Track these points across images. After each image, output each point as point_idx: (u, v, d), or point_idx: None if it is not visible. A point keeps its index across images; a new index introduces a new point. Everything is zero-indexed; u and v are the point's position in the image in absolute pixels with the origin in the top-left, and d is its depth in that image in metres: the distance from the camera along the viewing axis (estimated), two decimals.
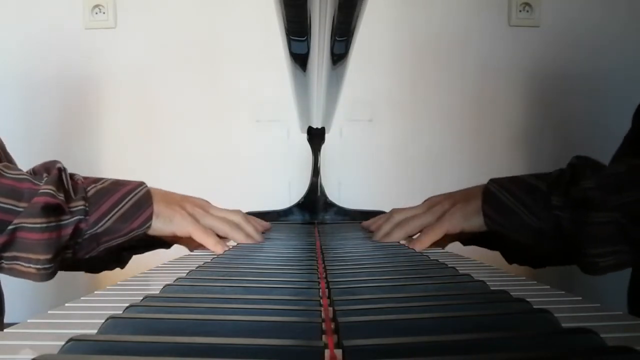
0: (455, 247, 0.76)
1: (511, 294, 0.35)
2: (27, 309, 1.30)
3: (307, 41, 0.57)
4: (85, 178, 0.63)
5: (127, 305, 0.33)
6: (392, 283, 0.40)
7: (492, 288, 0.38)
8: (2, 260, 0.57)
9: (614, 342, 0.25)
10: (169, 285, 0.40)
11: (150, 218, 0.63)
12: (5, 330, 0.32)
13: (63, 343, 0.25)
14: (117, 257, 0.74)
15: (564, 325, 0.28)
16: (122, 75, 1.49)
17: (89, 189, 0.61)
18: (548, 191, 0.61)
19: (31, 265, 0.57)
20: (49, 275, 0.58)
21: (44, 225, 0.56)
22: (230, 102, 1.49)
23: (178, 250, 0.76)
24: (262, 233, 0.78)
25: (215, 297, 0.36)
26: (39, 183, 0.58)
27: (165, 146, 1.48)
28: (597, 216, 0.57)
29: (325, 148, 1.15)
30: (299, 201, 1.13)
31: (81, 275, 0.66)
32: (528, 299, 0.32)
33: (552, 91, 1.50)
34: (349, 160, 1.48)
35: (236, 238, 0.71)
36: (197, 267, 0.50)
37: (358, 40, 0.61)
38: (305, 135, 1.15)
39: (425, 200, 0.76)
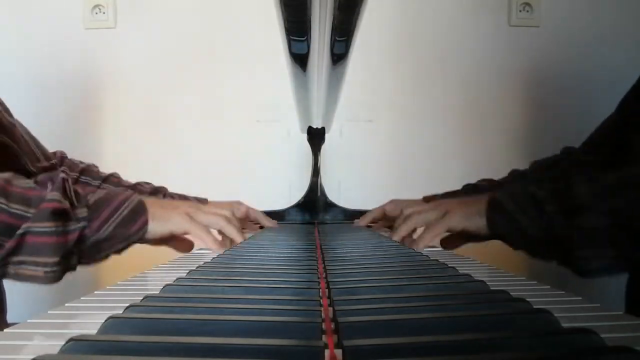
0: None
1: (511, 294, 0.35)
2: (27, 309, 1.29)
3: (307, 41, 0.57)
4: (81, 188, 0.66)
5: (127, 305, 0.33)
6: (392, 283, 0.40)
7: (492, 288, 0.38)
8: (9, 265, 0.59)
9: (614, 342, 0.25)
10: (169, 285, 0.40)
11: (146, 222, 0.66)
12: (5, 330, 0.32)
13: (63, 343, 0.25)
14: None
15: (564, 325, 0.28)
16: (122, 75, 1.49)
17: (89, 197, 0.64)
18: (544, 199, 0.64)
19: (38, 269, 0.58)
20: (55, 278, 0.60)
21: (52, 229, 0.58)
22: (230, 102, 1.49)
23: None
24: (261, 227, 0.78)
25: (215, 297, 0.36)
26: (45, 191, 0.60)
27: (165, 146, 1.48)
28: (587, 221, 0.60)
29: (325, 148, 1.16)
30: (299, 201, 1.13)
31: (81, 275, 0.66)
32: (528, 299, 0.32)
33: (552, 91, 1.50)
34: (349, 160, 1.47)
35: (230, 233, 0.73)
36: (197, 267, 0.50)
37: (358, 40, 0.61)
38: (305, 135, 1.15)
39: (430, 199, 0.80)
